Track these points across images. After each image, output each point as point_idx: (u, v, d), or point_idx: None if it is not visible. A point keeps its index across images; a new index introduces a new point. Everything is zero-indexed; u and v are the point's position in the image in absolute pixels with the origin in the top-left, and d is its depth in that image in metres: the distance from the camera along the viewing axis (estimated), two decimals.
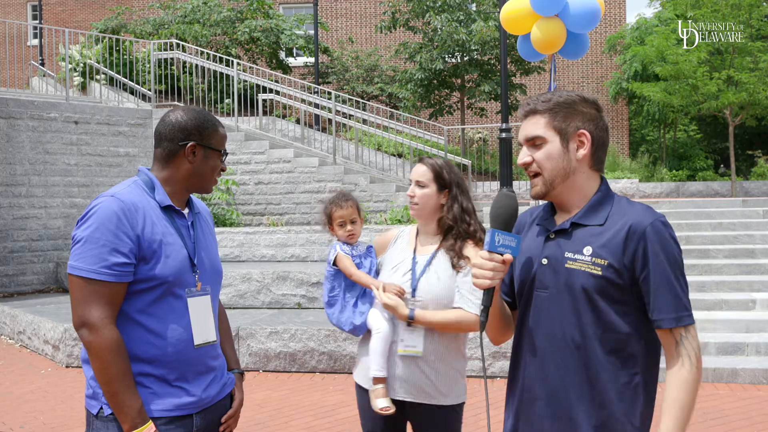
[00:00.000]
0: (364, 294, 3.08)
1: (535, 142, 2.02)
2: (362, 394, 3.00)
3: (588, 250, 1.95)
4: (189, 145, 2.28)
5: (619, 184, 15.82)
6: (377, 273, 3.10)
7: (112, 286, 2.14)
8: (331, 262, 3.12)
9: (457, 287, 2.87)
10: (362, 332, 3.03)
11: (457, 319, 2.83)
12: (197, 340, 2.27)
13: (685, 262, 8.69)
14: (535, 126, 2.02)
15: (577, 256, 1.96)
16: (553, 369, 1.98)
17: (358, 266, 3.09)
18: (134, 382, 2.15)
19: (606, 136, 2.06)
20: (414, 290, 2.89)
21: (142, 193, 2.27)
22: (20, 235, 10.42)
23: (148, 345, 2.19)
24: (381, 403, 2.85)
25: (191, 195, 2.44)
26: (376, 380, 2.88)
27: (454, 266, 2.89)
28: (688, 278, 8.25)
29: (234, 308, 8.22)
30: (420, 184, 2.95)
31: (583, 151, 2.01)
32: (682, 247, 9.31)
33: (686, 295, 1.93)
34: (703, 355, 6.80)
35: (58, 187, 10.82)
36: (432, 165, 2.97)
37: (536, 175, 2.03)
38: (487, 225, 2.15)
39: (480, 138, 18.33)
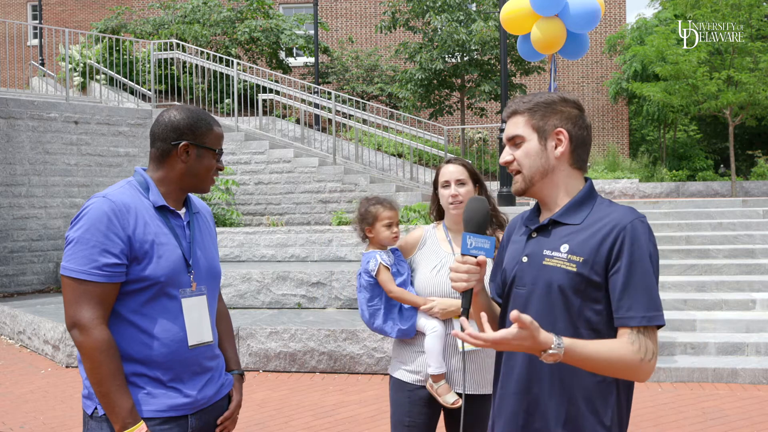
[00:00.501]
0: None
1: (515, 141, 2.07)
2: (402, 389, 3.08)
3: (565, 247, 1.97)
4: (182, 144, 2.27)
5: (619, 184, 15.81)
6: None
7: (102, 286, 2.14)
8: (373, 273, 3.11)
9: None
10: (411, 335, 3.10)
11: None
12: (191, 341, 2.26)
13: (685, 262, 8.74)
14: (516, 125, 2.07)
15: (554, 253, 1.99)
16: (527, 364, 2.00)
17: (396, 275, 3.10)
18: (125, 382, 2.15)
19: (586, 135, 2.07)
20: None
21: (136, 194, 2.26)
22: (20, 235, 10.42)
23: (141, 345, 2.19)
24: (451, 398, 2.95)
25: (190, 194, 2.43)
26: (437, 377, 2.98)
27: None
28: (689, 278, 8.27)
29: (234, 308, 8.21)
30: (461, 182, 3.04)
31: (561, 149, 2.03)
32: (683, 247, 9.34)
33: (657, 297, 1.92)
34: (702, 355, 6.83)
35: (58, 187, 10.82)
36: (464, 163, 3.10)
37: (518, 172, 2.07)
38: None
39: (480, 138, 18.32)
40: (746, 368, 6.48)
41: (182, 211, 2.37)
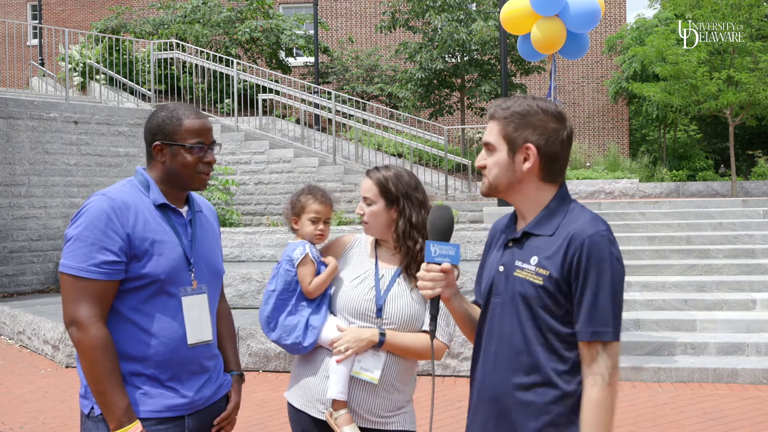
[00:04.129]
0: (319, 308, 2.66)
1: (488, 147, 2.06)
2: (299, 417, 2.63)
3: (534, 259, 1.99)
4: (155, 145, 2.29)
5: (619, 184, 15.81)
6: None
7: (101, 284, 2.14)
8: (296, 263, 2.66)
9: (426, 308, 2.59)
10: (306, 351, 2.63)
11: (425, 346, 2.55)
12: (191, 340, 2.26)
13: (686, 262, 8.73)
14: (490, 132, 2.06)
15: (524, 265, 2.00)
16: (500, 372, 2.02)
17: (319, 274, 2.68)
18: (122, 381, 2.14)
19: (560, 150, 2.02)
20: (379, 309, 2.57)
21: (136, 192, 2.27)
22: (20, 235, 10.42)
23: (140, 343, 2.19)
24: (349, 431, 2.50)
25: (192, 193, 2.43)
26: (338, 404, 2.53)
27: None
28: (689, 278, 8.26)
29: (234, 308, 8.21)
30: (367, 201, 2.66)
31: (528, 164, 2.01)
32: (683, 247, 9.33)
33: (613, 311, 1.91)
34: (703, 355, 6.82)
35: (57, 187, 10.81)
36: (377, 179, 2.68)
37: (485, 176, 2.08)
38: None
39: (480, 138, 18.33)
40: (746, 368, 6.48)
41: (184, 209, 2.37)
